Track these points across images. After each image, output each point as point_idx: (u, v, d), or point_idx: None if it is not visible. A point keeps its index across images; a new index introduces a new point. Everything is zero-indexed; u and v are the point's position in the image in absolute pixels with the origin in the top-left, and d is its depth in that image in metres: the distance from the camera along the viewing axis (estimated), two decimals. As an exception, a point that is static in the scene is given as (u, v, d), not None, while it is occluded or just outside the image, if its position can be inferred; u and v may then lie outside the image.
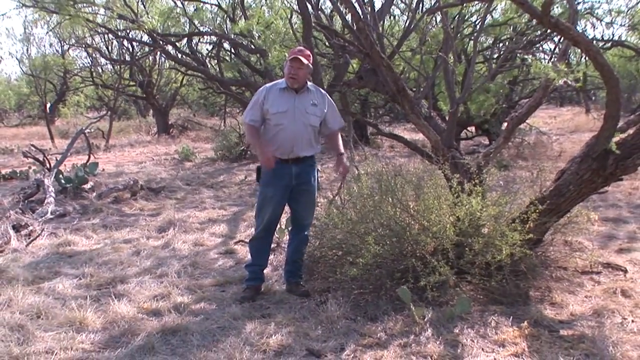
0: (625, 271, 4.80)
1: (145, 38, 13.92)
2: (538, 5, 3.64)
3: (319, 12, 8.64)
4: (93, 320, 3.96)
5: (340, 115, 4.73)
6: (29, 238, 6.16)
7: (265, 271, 4.67)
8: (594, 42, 8.38)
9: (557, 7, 7.49)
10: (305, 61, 4.29)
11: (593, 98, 23.99)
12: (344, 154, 4.57)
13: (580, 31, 6.14)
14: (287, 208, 4.62)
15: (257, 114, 4.39)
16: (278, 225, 4.81)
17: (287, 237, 4.92)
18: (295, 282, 4.58)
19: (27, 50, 23.68)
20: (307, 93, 4.43)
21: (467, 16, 9.69)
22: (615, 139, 4.04)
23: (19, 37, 38.63)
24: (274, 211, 4.45)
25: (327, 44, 10.25)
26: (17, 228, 6.35)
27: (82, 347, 3.61)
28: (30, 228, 6.43)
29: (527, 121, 8.62)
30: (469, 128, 14.29)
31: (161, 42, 11.97)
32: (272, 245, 4.96)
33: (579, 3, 10.29)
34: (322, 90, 4.65)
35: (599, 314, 3.96)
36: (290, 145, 4.35)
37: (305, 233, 4.62)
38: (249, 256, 4.71)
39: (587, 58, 6.02)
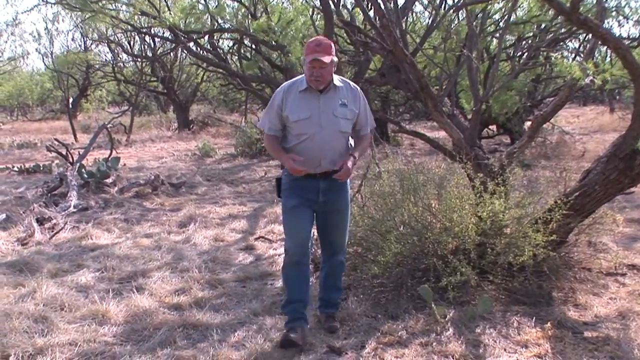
0: (651, 273, 4.72)
1: (167, 34, 13.98)
2: (566, 1, 3.57)
3: (341, 8, 8.62)
4: (115, 314, 4.00)
5: (372, 115, 3.84)
6: (52, 231, 6.24)
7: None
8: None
9: (587, 5, 7.36)
10: (327, 60, 3.43)
11: (617, 97, 23.62)
12: (353, 156, 3.61)
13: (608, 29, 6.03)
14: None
15: (276, 122, 3.60)
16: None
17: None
18: (327, 313, 3.85)
19: (51, 45, 23.84)
20: (334, 91, 3.58)
21: (491, 13, 9.59)
22: (643, 138, 3.97)
23: (44, 31, 39.12)
24: (302, 226, 3.60)
25: (348, 40, 10.22)
26: (40, 221, 6.45)
27: (105, 339, 3.65)
28: (54, 221, 6.52)
29: (550, 120, 8.53)
30: (490, 126, 14.17)
31: (183, 38, 12.03)
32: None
33: (607, 0, 10.12)
34: (352, 84, 3.73)
35: (624, 316, 3.89)
36: (317, 158, 3.53)
37: (340, 258, 3.84)
38: (284, 285, 3.93)
39: (612, 56, 5.92)
